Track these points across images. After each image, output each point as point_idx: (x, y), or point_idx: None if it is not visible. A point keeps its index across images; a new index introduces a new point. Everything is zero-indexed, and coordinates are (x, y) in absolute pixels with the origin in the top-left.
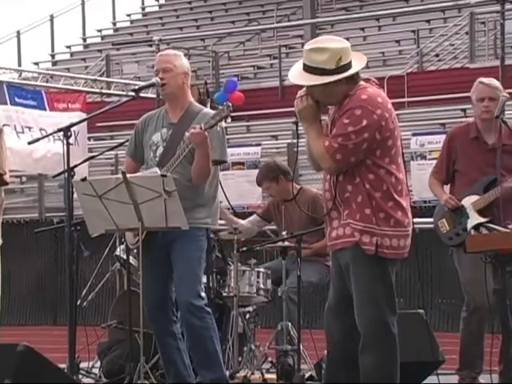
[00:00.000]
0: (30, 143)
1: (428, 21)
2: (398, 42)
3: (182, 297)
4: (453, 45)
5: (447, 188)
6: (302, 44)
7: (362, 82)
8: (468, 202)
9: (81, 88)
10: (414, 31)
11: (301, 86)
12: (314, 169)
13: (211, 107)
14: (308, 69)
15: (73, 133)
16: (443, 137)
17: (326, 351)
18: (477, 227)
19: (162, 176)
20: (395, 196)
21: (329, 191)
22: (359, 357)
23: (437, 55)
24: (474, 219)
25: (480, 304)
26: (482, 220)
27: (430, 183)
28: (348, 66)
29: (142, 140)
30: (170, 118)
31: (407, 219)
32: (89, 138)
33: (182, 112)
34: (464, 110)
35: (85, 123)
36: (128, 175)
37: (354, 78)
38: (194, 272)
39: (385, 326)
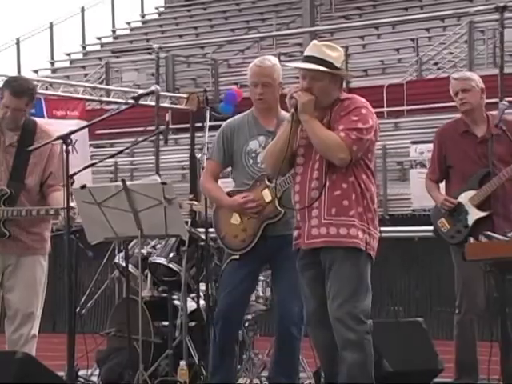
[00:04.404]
0: (29, 151)
1: (427, 29)
2: (397, 50)
3: (289, 306)
4: (452, 53)
5: (443, 186)
6: (302, 52)
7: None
8: (465, 198)
9: (80, 95)
10: (413, 39)
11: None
12: (271, 169)
13: (211, 117)
14: (317, 61)
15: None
16: None
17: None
18: (476, 234)
19: (163, 184)
20: (375, 199)
21: (317, 180)
22: (340, 352)
23: (436, 63)
24: (474, 214)
25: (472, 305)
26: (482, 214)
27: (426, 186)
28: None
29: (231, 146)
30: (265, 126)
31: None
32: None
33: (276, 120)
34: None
35: (86, 130)
36: (128, 183)
37: (342, 85)
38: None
39: (363, 323)
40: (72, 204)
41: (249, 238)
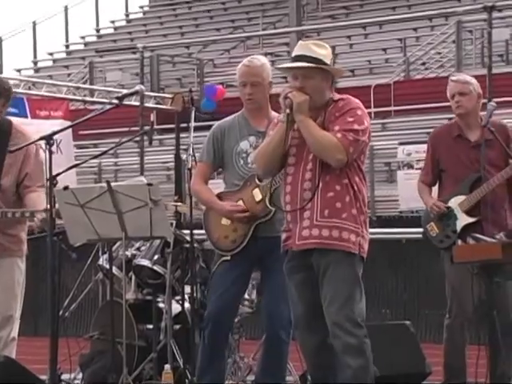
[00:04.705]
0: (11, 152)
1: (415, 29)
2: (384, 50)
3: (279, 309)
4: (440, 53)
5: (436, 189)
6: (288, 52)
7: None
8: (455, 203)
9: (63, 95)
10: (400, 39)
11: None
12: (262, 170)
13: (196, 117)
14: (307, 59)
15: (55, 141)
16: None
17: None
18: (464, 237)
19: (149, 185)
20: (366, 202)
21: (310, 181)
22: (341, 357)
23: (423, 64)
24: (463, 220)
25: (462, 310)
26: (471, 220)
27: (418, 189)
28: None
29: (221, 147)
30: (256, 127)
31: None
32: None
33: (267, 120)
34: (451, 119)
35: (70, 131)
36: (113, 184)
37: (333, 84)
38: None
39: (361, 327)
40: (43, 208)
41: (239, 239)
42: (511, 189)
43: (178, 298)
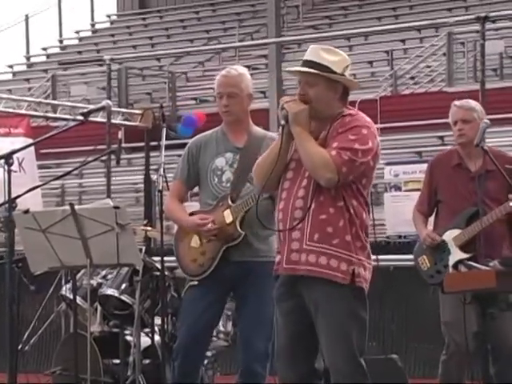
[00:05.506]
0: None
1: (403, 41)
2: (370, 63)
3: (253, 341)
4: (429, 67)
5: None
6: (266, 65)
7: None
8: (449, 236)
9: (24, 111)
10: (387, 52)
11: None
12: (258, 183)
13: (167, 135)
14: (314, 65)
15: (16, 160)
16: (419, 166)
17: None
18: (456, 265)
19: (116, 208)
20: (367, 227)
21: (303, 199)
22: None
23: (412, 78)
24: (456, 255)
25: (460, 347)
26: (465, 256)
27: (413, 217)
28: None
29: (196, 163)
30: (233, 142)
31: None
32: None
33: (247, 136)
34: (441, 138)
35: (32, 149)
36: (76, 207)
37: (346, 97)
38: (267, 317)
39: (359, 366)
40: None
41: (207, 262)
42: (511, 225)
43: (147, 330)
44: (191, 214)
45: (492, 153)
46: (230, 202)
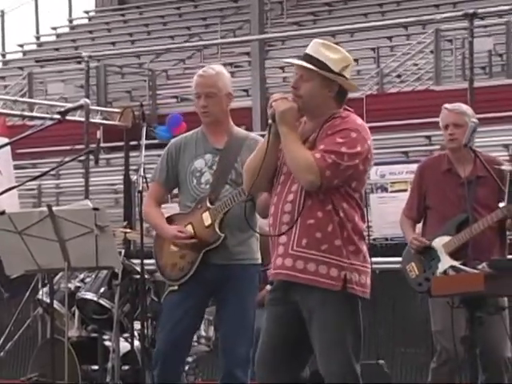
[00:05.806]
0: None
1: (389, 38)
2: (355, 60)
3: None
4: (416, 64)
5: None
6: (249, 62)
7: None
8: (439, 243)
9: None
10: (373, 49)
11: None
12: (247, 183)
13: (147, 134)
14: (311, 60)
15: None
16: (406, 166)
17: None
18: (445, 272)
19: (95, 209)
20: (361, 230)
21: (291, 203)
22: None
23: (399, 76)
24: (446, 262)
25: (452, 355)
26: (455, 263)
27: (400, 221)
28: (347, 79)
29: (176, 165)
30: (213, 143)
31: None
32: None
33: (227, 137)
34: (429, 137)
35: (8, 149)
36: (54, 208)
37: (343, 98)
38: (249, 321)
39: (354, 374)
40: None
41: (187, 266)
42: (502, 232)
43: (126, 335)
44: (169, 217)
45: (483, 158)
46: (208, 204)
